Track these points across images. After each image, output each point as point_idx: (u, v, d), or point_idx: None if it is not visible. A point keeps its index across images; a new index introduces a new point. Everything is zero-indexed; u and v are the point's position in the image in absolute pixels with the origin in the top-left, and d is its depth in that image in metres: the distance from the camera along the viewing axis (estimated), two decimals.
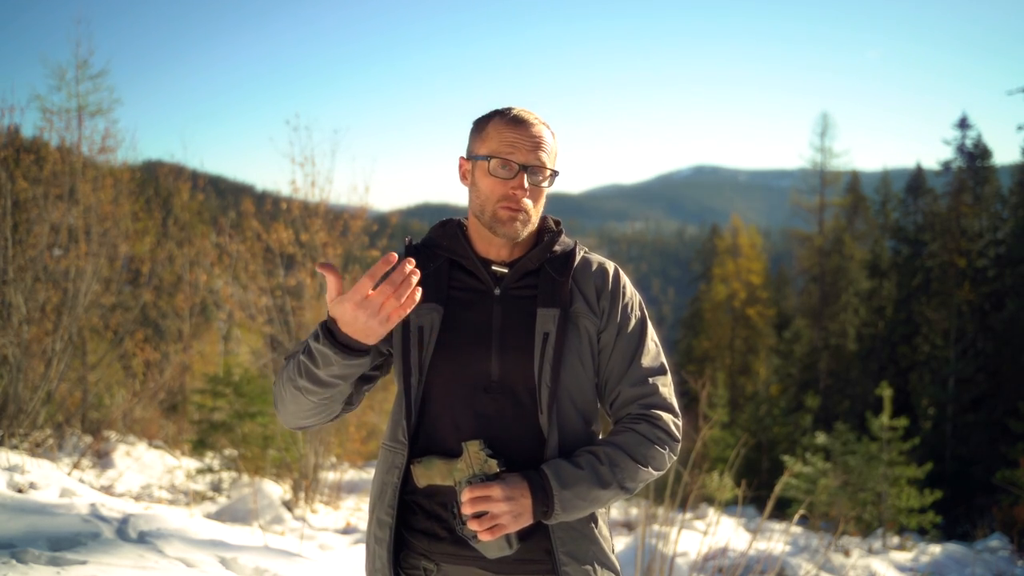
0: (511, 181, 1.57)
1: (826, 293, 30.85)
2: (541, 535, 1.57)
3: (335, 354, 1.42)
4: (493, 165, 1.58)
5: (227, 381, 8.71)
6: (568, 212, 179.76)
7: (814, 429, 19.99)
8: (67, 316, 7.41)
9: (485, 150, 1.60)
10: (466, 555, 1.57)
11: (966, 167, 26.34)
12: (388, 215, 13.10)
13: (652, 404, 1.63)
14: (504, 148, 1.57)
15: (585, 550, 1.57)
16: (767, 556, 5.93)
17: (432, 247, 1.69)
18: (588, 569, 1.57)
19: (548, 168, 1.60)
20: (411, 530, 1.62)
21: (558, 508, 1.49)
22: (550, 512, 1.49)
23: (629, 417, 1.63)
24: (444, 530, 1.58)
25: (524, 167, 1.56)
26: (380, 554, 1.61)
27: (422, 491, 1.61)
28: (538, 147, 1.58)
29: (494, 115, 1.63)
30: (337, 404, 1.57)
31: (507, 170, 1.57)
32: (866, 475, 12.65)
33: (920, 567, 8.48)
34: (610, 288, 1.66)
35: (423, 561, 1.60)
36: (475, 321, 1.61)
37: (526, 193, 1.57)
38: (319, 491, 8.09)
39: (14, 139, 8.07)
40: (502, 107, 1.64)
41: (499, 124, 1.60)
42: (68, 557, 3.36)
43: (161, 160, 14.07)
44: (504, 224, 1.58)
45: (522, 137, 1.58)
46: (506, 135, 1.58)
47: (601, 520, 1.64)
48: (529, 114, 1.62)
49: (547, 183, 1.61)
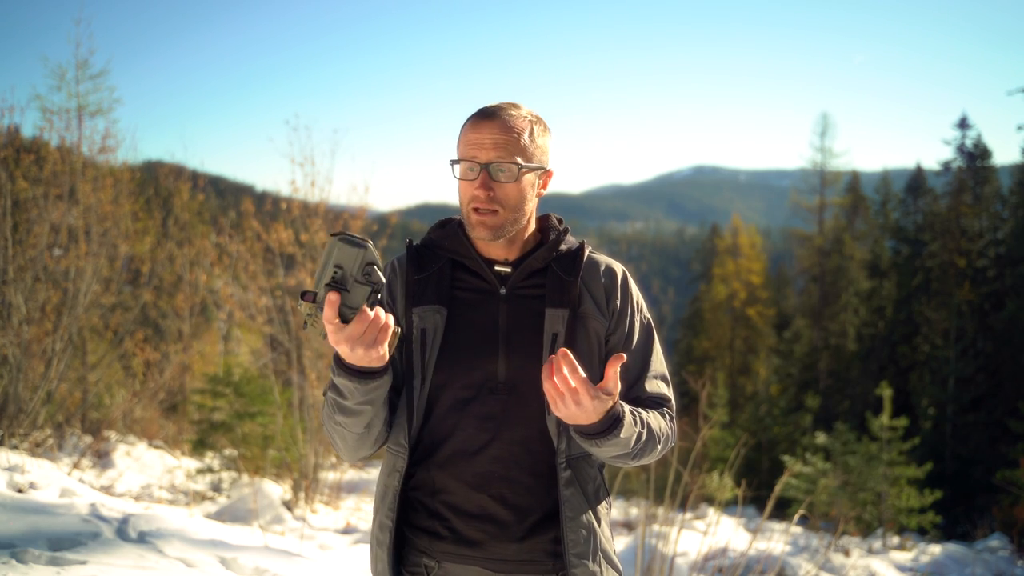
0: (474, 182, 1.56)
1: (826, 293, 30.83)
2: (544, 535, 1.57)
3: (352, 382, 1.44)
4: (460, 169, 1.58)
5: (227, 381, 8.71)
6: (568, 212, 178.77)
7: (814, 429, 19.97)
8: (67, 316, 7.41)
9: (456, 155, 1.61)
10: (467, 554, 1.57)
11: (966, 167, 26.33)
12: (388, 215, 13.10)
13: (666, 405, 1.67)
14: (468, 151, 1.57)
15: (594, 550, 1.57)
16: (767, 556, 5.93)
17: (433, 248, 1.69)
18: (596, 569, 1.57)
19: (511, 163, 1.55)
20: (413, 528, 1.62)
21: (611, 437, 1.45)
22: (605, 436, 1.45)
23: (649, 404, 1.65)
24: (446, 529, 1.58)
25: (484, 166, 1.55)
26: (381, 556, 1.62)
27: (425, 489, 1.61)
28: (497, 144, 1.55)
29: (468, 118, 1.63)
30: (378, 426, 1.57)
31: (471, 171, 1.57)
32: (866, 475, 12.65)
33: (920, 567, 8.48)
34: (619, 290, 1.66)
35: (424, 559, 1.61)
36: (481, 322, 1.60)
37: (489, 192, 1.55)
38: (319, 491, 8.09)
39: (14, 139, 8.06)
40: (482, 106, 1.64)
41: (466, 127, 1.61)
42: (68, 557, 3.36)
43: (161, 160, 14.04)
44: (474, 228, 1.58)
45: (482, 136, 1.56)
46: (469, 137, 1.58)
47: (604, 520, 1.64)
48: (498, 109, 1.59)
49: (516, 177, 1.56)
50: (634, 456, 1.55)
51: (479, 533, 1.56)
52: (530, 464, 1.57)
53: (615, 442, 1.47)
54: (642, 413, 1.56)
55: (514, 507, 1.56)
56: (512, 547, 1.56)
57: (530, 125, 1.60)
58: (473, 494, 1.57)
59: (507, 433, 1.57)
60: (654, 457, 1.61)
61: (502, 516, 1.56)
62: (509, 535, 1.56)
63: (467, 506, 1.57)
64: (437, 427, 1.60)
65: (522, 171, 1.57)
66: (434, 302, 1.60)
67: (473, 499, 1.57)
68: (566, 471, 1.56)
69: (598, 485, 1.63)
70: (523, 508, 1.57)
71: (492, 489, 1.56)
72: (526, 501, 1.57)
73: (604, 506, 1.65)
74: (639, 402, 1.64)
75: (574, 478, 1.57)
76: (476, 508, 1.57)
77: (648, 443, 1.56)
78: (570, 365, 1.38)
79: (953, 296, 24.37)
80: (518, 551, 1.56)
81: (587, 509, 1.58)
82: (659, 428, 1.59)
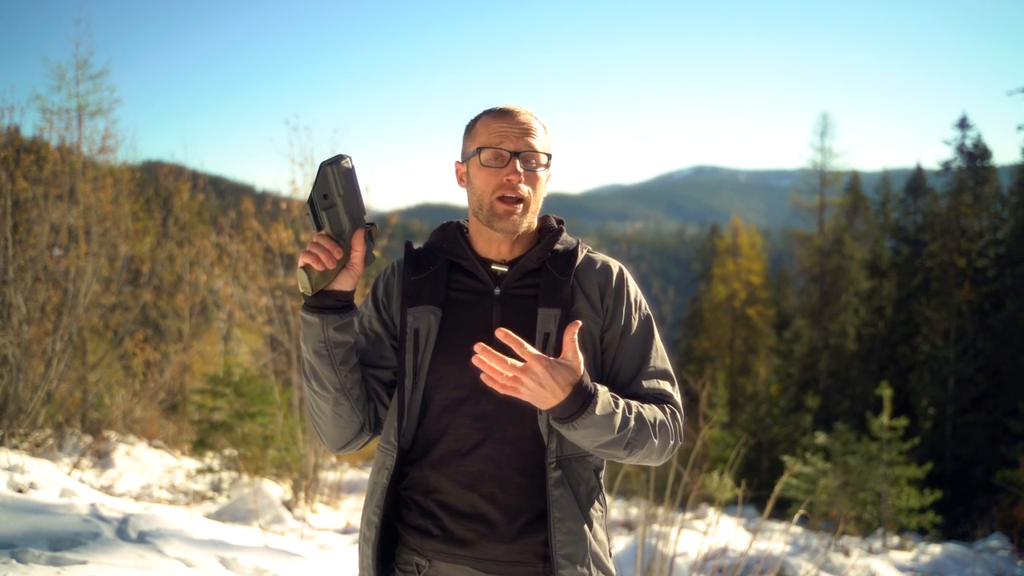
0: (504, 169, 1.57)
1: (826, 293, 30.82)
2: (535, 537, 1.57)
3: (315, 315, 1.52)
4: (485, 156, 1.58)
5: (227, 381, 8.71)
6: (568, 212, 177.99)
7: (814, 429, 19.98)
8: (67, 316, 7.41)
9: (476, 145, 1.60)
10: (458, 553, 1.57)
11: (966, 167, 26.33)
12: (388, 215, 13.10)
13: (668, 402, 1.64)
14: (494, 139, 1.58)
15: (583, 552, 1.56)
16: (767, 556, 5.93)
17: (432, 250, 1.70)
18: (584, 572, 1.56)
19: (541, 152, 1.59)
20: (405, 526, 1.63)
21: (586, 416, 1.42)
22: (578, 415, 1.42)
23: (650, 398, 1.62)
24: (437, 528, 1.58)
25: (515, 153, 1.56)
26: (367, 552, 1.62)
27: (418, 488, 1.61)
28: (527, 133, 1.58)
29: (482, 114, 1.64)
30: (346, 405, 1.58)
31: (499, 159, 1.57)
32: (866, 475, 12.65)
33: (920, 567, 8.48)
34: (614, 287, 1.65)
35: (416, 557, 1.61)
36: (475, 321, 1.60)
37: (520, 178, 1.56)
38: (319, 491, 8.09)
39: (14, 139, 8.07)
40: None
41: (486, 119, 1.62)
42: (68, 557, 3.36)
43: (161, 160, 14.05)
44: (501, 218, 1.58)
45: (510, 126, 1.58)
46: (494, 127, 1.59)
47: (597, 523, 1.63)
48: (516, 105, 1.63)
49: (543, 169, 1.61)
50: (626, 446, 1.51)
51: (470, 533, 1.56)
52: (522, 464, 1.56)
53: (592, 420, 1.43)
54: (630, 401, 1.54)
55: (505, 507, 1.56)
56: (502, 548, 1.56)
57: (543, 126, 1.64)
58: (465, 493, 1.57)
59: (499, 433, 1.57)
60: (654, 453, 1.57)
61: (493, 516, 1.56)
62: (500, 535, 1.56)
63: (459, 505, 1.57)
64: (431, 427, 1.60)
65: (546, 163, 1.61)
66: (429, 302, 1.61)
67: (465, 498, 1.57)
68: (556, 471, 1.55)
69: (592, 487, 1.62)
70: (514, 508, 1.56)
71: (484, 489, 1.56)
72: (517, 501, 1.56)
73: (598, 509, 1.63)
74: (636, 398, 1.61)
75: (564, 479, 1.56)
76: (468, 507, 1.57)
77: (640, 432, 1.51)
78: (514, 342, 1.38)
79: (953, 296, 24.38)
80: (508, 552, 1.56)
81: (578, 511, 1.56)
82: (654, 419, 1.55)
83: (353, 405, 1.59)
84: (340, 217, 1.50)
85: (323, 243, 1.48)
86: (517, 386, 1.39)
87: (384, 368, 1.66)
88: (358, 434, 1.63)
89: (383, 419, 1.66)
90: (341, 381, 1.56)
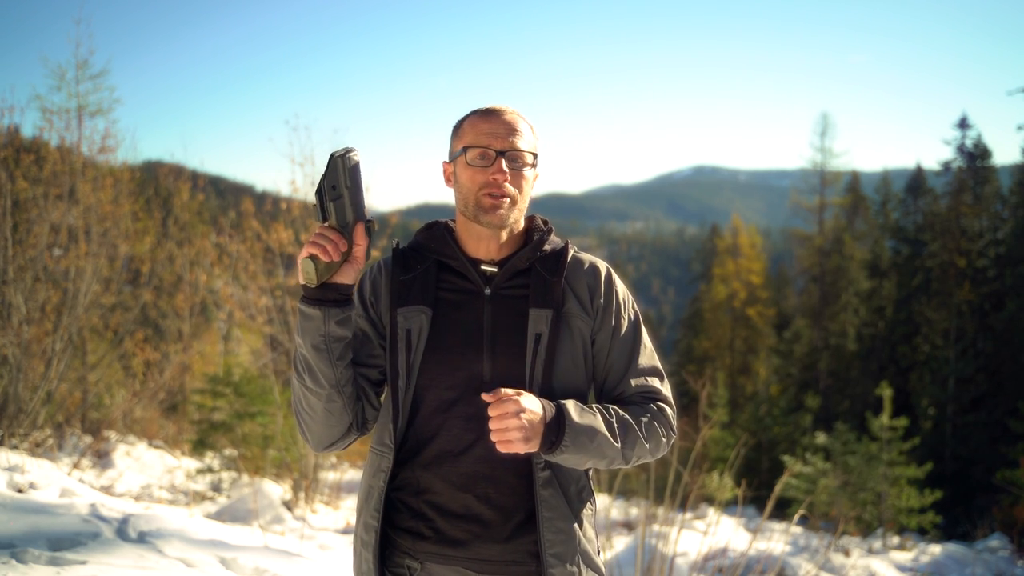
0: (490, 168, 1.58)
1: (826, 293, 30.81)
2: (528, 536, 1.57)
3: (317, 308, 1.50)
4: (471, 156, 1.59)
5: (227, 381, 8.71)
6: (568, 212, 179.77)
7: (814, 429, 19.98)
8: (67, 316, 7.41)
9: (462, 145, 1.62)
10: (450, 554, 1.57)
11: (966, 167, 26.33)
12: (388, 215, 13.07)
13: (657, 398, 1.66)
14: (480, 139, 1.59)
15: (572, 551, 1.57)
16: (767, 556, 5.93)
17: (419, 250, 1.70)
18: (574, 571, 1.57)
19: (526, 152, 1.60)
20: (396, 529, 1.62)
21: (568, 440, 1.48)
22: (559, 443, 1.48)
23: (637, 399, 1.65)
24: (429, 529, 1.58)
25: (501, 153, 1.57)
26: (366, 556, 1.62)
27: (409, 489, 1.61)
28: (512, 133, 1.60)
29: (468, 114, 1.66)
30: (339, 402, 1.58)
31: (484, 159, 1.58)
32: (866, 475, 12.65)
33: (920, 567, 8.48)
34: (603, 288, 1.67)
35: (407, 559, 1.61)
36: (466, 322, 1.61)
37: (506, 177, 1.57)
38: (319, 491, 8.09)
39: (14, 139, 8.06)
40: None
41: (473, 119, 1.63)
42: (68, 557, 3.36)
43: (161, 160, 14.05)
44: (487, 212, 1.58)
45: (495, 125, 1.60)
46: (480, 126, 1.60)
47: (587, 522, 1.64)
48: (502, 105, 1.64)
49: (528, 168, 1.62)
50: (623, 444, 1.55)
51: (464, 533, 1.56)
52: (514, 464, 1.56)
53: (577, 430, 1.48)
54: (608, 406, 1.58)
55: (499, 507, 1.57)
56: (496, 548, 1.56)
57: (530, 126, 1.65)
58: (458, 494, 1.57)
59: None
60: (653, 449, 1.61)
61: (487, 516, 1.56)
62: (494, 535, 1.56)
63: (452, 506, 1.57)
64: (422, 427, 1.60)
65: (532, 163, 1.62)
66: (419, 303, 1.61)
67: (458, 499, 1.57)
68: (544, 471, 1.56)
69: (582, 486, 1.63)
70: (508, 508, 1.57)
71: (477, 489, 1.57)
72: (511, 501, 1.57)
73: (588, 507, 1.65)
74: (625, 398, 1.64)
75: (553, 478, 1.57)
76: (461, 508, 1.57)
77: (629, 434, 1.56)
78: (491, 398, 1.46)
79: (953, 296, 24.38)
80: (502, 551, 1.56)
81: (568, 510, 1.58)
82: (639, 419, 1.59)
83: (345, 403, 1.59)
84: (346, 209, 1.50)
85: (329, 234, 1.48)
86: (507, 435, 1.45)
87: (372, 367, 1.66)
88: (346, 433, 1.63)
89: (370, 419, 1.66)
90: (337, 377, 1.55)
